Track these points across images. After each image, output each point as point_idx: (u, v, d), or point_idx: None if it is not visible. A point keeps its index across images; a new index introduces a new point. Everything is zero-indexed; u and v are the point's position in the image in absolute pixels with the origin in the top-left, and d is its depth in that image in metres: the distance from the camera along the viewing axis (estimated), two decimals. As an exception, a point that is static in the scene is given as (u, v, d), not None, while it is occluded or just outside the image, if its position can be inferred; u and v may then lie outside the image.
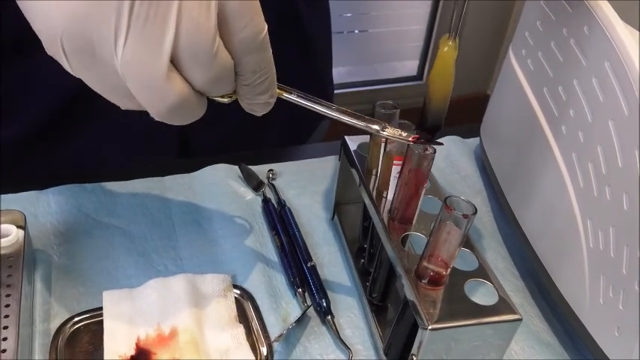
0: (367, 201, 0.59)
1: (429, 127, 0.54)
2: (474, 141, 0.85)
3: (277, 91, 0.47)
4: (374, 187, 0.59)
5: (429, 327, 0.45)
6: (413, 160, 0.51)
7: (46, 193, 0.70)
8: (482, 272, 0.49)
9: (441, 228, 0.46)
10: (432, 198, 0.57)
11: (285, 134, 0.91)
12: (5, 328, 0.51)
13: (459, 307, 0.47)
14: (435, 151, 0.50)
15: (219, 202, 0.73)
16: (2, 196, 0.69)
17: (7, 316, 0.52)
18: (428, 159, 0.50)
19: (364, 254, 0.65)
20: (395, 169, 0.55)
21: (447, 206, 0.44)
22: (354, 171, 0.63)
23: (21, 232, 0.61)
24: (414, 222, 0.54)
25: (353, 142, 0.65)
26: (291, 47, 0.85)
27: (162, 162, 0.81)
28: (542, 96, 0.63)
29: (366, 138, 0.65)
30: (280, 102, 0.48)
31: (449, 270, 0.47)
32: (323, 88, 0.98)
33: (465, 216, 0.43)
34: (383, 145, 0.56)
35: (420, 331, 0.46)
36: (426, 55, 2.51)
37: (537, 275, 0.63)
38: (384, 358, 0.54)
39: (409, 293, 0.48)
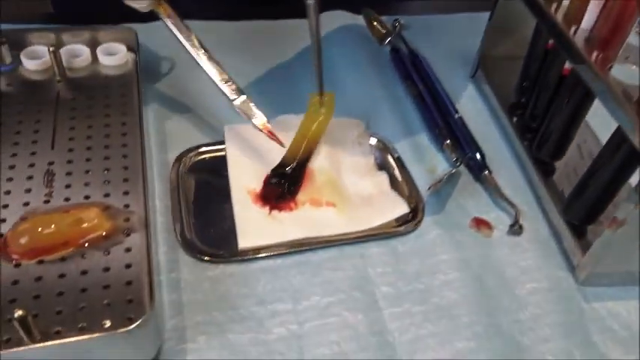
0: (553, 32, 0.48)
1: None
2: None
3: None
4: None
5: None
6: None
7: (151, 27, 0.62)
8: None
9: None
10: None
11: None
12: (125, 156, 0.44)
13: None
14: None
15: (343, 49, 0.63)
16: (102, 26, 0.61)
17: (125, 145, 0.45)
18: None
19: (518, 111, 0.55)
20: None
21: None
22: (525, 6, 0.51)
23: (131, 55, 0.54)
24: (618, 55, 0.43)
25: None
26: None
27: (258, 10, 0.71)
28: None
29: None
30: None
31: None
32: None
33: None
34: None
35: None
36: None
37: None
38: (558, 218, 0.46)
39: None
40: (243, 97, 0.48)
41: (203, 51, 0.48)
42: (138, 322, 0.32)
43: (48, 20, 0.62)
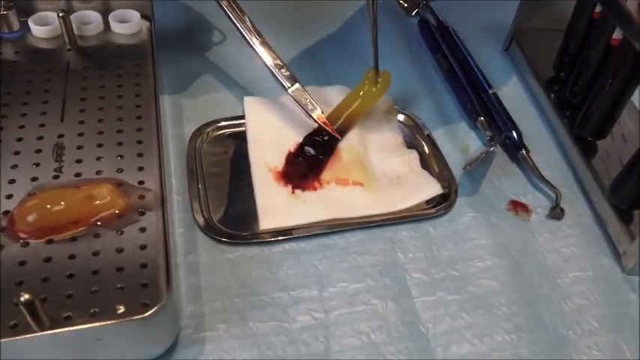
0: None
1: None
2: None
3: None
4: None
5: None
6: None
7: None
8: None
9: None
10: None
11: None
12: (139, 130, 0.41)
13: None
14: None
15: (368, 21, 0.60)
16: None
17: (139, 118, 0.42)
18: None
19: (556, 87, 0.52)
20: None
21: None
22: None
23: (146, 23, 0.50)
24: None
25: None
26: None
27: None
28: None
29: None
30: None
31: None
32: None
33: None
34: None
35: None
36: None
37: None
38: (603, 202, 0.42)
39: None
40: (297, 85, 0.46)
41: (256, 34, 0.46)
42: (154, 309, 0.30)
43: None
